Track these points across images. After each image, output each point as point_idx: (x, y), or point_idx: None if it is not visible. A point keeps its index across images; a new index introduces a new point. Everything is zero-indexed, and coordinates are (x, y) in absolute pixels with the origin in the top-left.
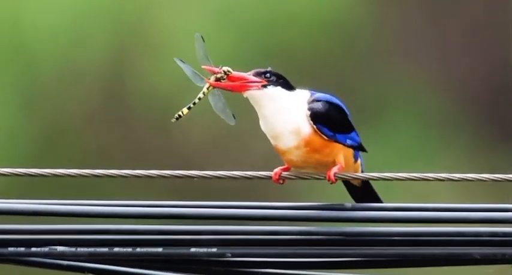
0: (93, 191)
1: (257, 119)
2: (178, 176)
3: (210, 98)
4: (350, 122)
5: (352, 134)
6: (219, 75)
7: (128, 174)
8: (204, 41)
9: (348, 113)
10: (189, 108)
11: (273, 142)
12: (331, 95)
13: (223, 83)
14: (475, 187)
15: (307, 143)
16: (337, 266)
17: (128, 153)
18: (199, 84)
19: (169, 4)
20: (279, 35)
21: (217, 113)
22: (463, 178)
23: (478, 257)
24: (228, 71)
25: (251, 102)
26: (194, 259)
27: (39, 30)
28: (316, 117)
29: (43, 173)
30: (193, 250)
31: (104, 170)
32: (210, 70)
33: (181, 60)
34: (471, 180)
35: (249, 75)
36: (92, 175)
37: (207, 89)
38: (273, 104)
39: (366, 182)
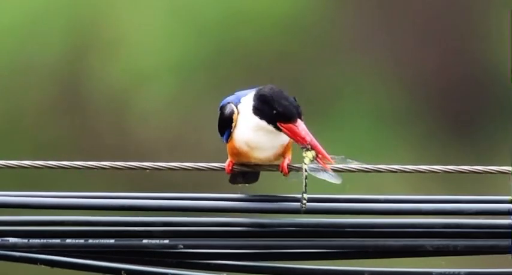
0: (45, 182)
1: (208, 115)
2: (131, 168)
3: (312, 173)
4: None
5: None
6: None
7: (80, 165)
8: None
9: None
10: (305, 191)
11: (245, 148)
12: None
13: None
14: (426, 180)
15: (282, 153)
16: (289, 258)
17: (81, 146)
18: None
19: (124, 1)
20: (234, 32)
21: (324, 178)
22: (415, 170)
23: (431, 248)
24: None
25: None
26: (146, 250)
27: None
28: None
29: None
30: (145, 241)
31: (56, 162)
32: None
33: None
34: (423, 172)
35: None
36: (45, 166)
37: (307, 165)
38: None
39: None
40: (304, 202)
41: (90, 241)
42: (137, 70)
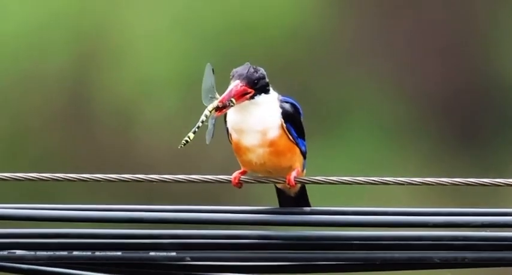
0: (52, 195)
1: (215, 124)
2: (137, 180)
3: (209, 121)
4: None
5: (305, 142)
6: (221, 105)
7: (87, 178)
8: (214, 72)
9: (302, 119)
10: (194, 132)
11: (235, 136)
12: (292, 98)
13: (222, 109)
14: (434, 192)
15: (272, 143)
16: (296, 270)
17: (87, 158)
18: (204, 102)
19: (130, 11)
20: (240, 41)
21: (207, 133)
22: (422, 182)
23: (438, 261)
24: (232, 102)
25: None
26: (153, 263)
27: None
28: (286, 117)
29: (2, 177)
30: (152, 253)
31: (63, 174)
32: (221, 102)
33: (212, 69)
34: (431, 184)
35: (242, 86)
36: (52, 178)
37: (210, 112)
38: (252, 108)
39: (302, 192)
40: (187, 140)
41: (97, 253)
42: (143, 79)
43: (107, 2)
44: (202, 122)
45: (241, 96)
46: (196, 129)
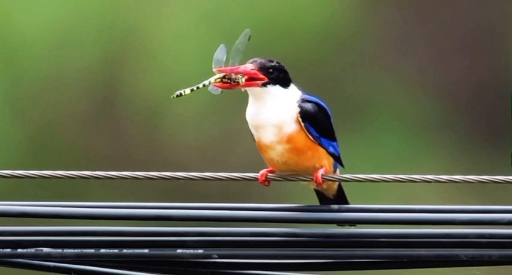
0: (79, 192)
1: (243, 124)
2: (164, 178)
3: (210, 87)
4: (334, 131)
5: (335, 143)
6: (226, 77)
7: (114, 175)
8: (249, 39)
9: (332, 121)
10: (191, 90)
11: (255, 134)
12: (319, 98)
13: (226, 84)
14: (461, 189)
15: (290, 140)
16: (323, 268)
17: (114, 156)
18: (213, 70)
19: (159, 9)
20: (267, 39)
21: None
22: (449, 180)
23: (465, 258)
24: (240, 80)
25: (247, 90)
26: (180, 260)
27: (28, 34)
28: (305, 115)
29: (30, 175)
30: (179, 251)
31: (90, 172)
32: (222, 71)
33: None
34: (458, 181)
35: (253, 69)
36: (79, 176)
37: (215, 80)
38: (267, 99)
39: (340, 193)
40: (181, 93)
41: (124, 250)
42: (172, 76)
43: (136, 0)
44: (204, 85)
45: (251, 80)
46: (195, 89)
